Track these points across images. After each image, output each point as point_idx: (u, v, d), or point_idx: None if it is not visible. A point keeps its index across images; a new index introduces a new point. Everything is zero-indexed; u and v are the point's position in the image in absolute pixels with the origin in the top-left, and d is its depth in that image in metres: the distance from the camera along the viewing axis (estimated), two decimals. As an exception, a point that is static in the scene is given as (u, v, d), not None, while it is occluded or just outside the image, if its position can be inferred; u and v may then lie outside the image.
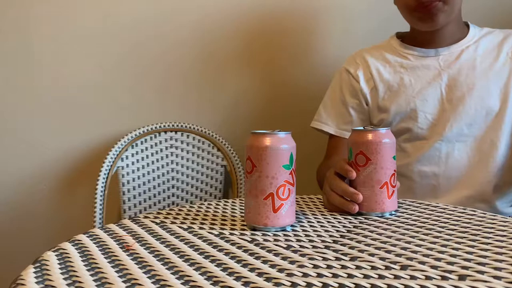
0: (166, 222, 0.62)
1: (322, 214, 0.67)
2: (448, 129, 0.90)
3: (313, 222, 0.62)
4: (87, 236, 0.55)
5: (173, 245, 0.52)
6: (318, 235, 0.55)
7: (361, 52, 1.05)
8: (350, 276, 0.42)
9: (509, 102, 0.89)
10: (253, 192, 0.58)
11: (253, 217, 0.58)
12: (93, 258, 0.47)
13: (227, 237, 0.55)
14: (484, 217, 0.62)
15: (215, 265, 0.45)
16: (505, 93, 0.89)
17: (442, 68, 0.93)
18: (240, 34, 1.32)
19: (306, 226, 0.60)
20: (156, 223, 0.62)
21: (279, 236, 0.56)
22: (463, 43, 0.95)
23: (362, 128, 0.68)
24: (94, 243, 0.53)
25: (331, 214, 0.66)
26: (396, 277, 0.41)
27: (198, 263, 0.46)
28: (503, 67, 0.91)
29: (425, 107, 0.92)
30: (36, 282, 0.41)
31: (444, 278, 0.41)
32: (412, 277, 0.41)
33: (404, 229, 0.57)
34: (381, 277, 0.41)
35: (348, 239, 0.54)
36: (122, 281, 0.41)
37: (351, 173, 0.65)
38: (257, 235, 0.56)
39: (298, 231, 0.57)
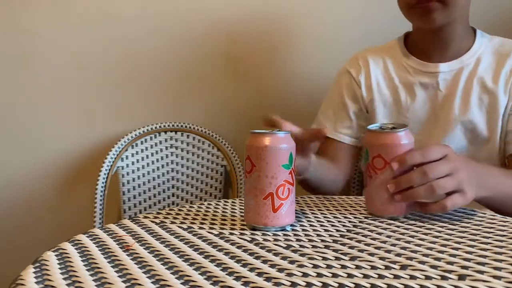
0: (165, 222, 0.62)
1: (322, 214, 0.66)
2: None
3: (313, 222, 0.62)
4: (86, 236, 0.55)
5: (173, 245, 0.52)
6: (318, 235, 0.55)
7: (365, 55, 1.00)
8: (350, 275, 0.42)
9: (498, 129, 0.86)
10: (253, 191, 0.58)
11: (252, 217, 0.58)
12: (93, 258, 0.47)
13: (227, 237, 0.55)
14: (484, 217, 0.62)
15: (214, 265, 0.45)
16: (495, 119, 0.86)
17: (439, 88, 0.90)
18: (240, 35, 1.32)
19: (306, 226, 0.60)
20: (156, 223, 0.62)
21: (279, 236, 0.56)
22: (464, 59, 0.90)
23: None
24: (94, 243, 0.53)
25: (331, 214, 0.66)
26: (396, 276, 0.41)
27: (198, 263, 0.46)
28: (499, 91, 0.86)
29: (417, 128, 0.91)
30: (35, 282, 0.41)
31: (443, 278, 0.41)
32: (412, 277, 0.41)
33: (404, 228, 0.57)
34: (381, 276, 0.41)
35: (347, 238, 0.54)
36: (122, 281, 0.41)
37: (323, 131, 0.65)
38: (256, 234, 0.56)
39: (298, 231, 0.57)
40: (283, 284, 0.40)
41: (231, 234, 0.57)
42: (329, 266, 0.44)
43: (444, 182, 0.58)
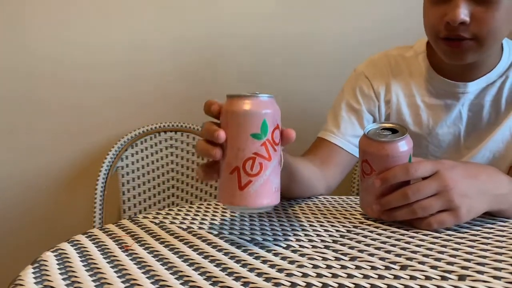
0: (165, 222, 0.62)
1: (322, 214, 0.66)
2: None
3: (312, 222, 0.62)
4: (86, 237, 0.55)
5: (172, 245, 0.52)
6: (318, 235, 0.55)
7: (385, 63, 0.89)
8: (349, 276, 0.42)
9: None
10: (222, 165, 0.50)
11: (220, 193, 0.51)
12: (92, 259, 0.47)
13: (226, 237, 0.55)
14: (484, 217, 0.62)
15: (214, 265, 0.45)
16: None
17: (464, 109, 0.82)
18: (240, 35, 1.32)
19: (305, 226, 0.60)
20: (155, 223, 0.62)
21: (279, 235, 0.55)
22: (490, 77, 0.81)
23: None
24: (93, 243, 0.53)
25: (331, 214, 0.66)
26: (396, 277, 0.41)
27: (197, 263, 0.46)
28: None
29: (438, 152, 0.85)
30: (35, 283, 0.41)
31: (443, 278, 0.41)
32: (412, 277, 0.41)
33: (404, 229, 0.57)
34: (381, 277, 0.41)
35: (347, 239, 0.54)
36: (121, 282, 0.41)
37: (218, 133, 0.48)
38: (256, 234, 0.56)
39: (298, 231, 0.57)
40: (283, 285, 0.40)
41: (231, 234, 0.57)
42: (329, 267, 0.44)
43: (428, 203, 0.55)
